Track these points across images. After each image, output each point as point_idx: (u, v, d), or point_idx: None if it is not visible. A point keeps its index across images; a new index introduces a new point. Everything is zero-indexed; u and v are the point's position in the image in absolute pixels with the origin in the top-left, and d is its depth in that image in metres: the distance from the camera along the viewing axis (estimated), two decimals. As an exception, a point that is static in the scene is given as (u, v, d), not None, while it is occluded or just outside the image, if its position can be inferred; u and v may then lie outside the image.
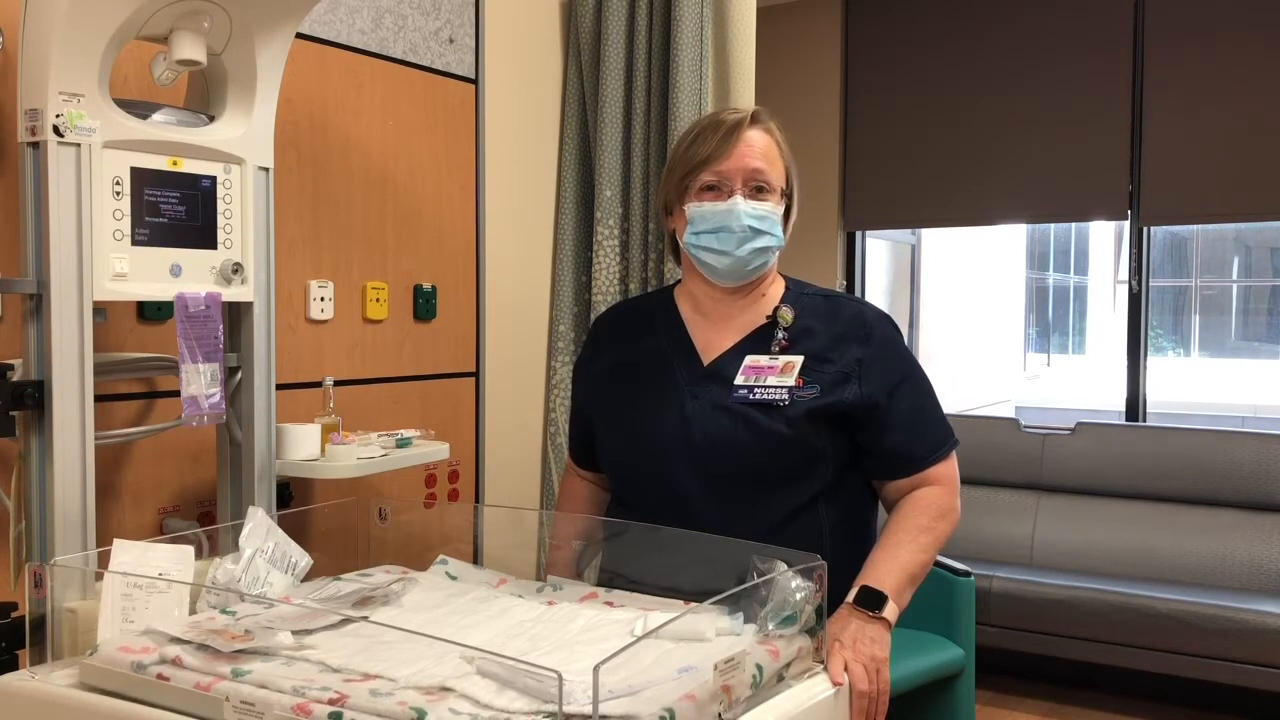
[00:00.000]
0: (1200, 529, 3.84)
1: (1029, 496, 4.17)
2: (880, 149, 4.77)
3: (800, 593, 1.35)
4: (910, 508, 1.68)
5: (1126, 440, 4.11)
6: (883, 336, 1.73)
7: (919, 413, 1.72)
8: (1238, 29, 4.03)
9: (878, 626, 1.53)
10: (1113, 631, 3.52)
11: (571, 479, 2.00)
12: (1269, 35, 3.98)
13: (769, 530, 1.57)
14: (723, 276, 1.72)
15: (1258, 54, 4.00)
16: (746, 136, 1.70)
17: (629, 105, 2.60)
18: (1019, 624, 3.66)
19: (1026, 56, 4.44)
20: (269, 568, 1.57)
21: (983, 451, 4.21)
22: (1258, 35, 4.00)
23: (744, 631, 1.35)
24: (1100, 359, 15.72)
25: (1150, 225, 4.28)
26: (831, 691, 1.39)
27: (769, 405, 1.65)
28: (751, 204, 1.68)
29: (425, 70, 2.44)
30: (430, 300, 2.45)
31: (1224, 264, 17.94)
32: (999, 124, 4.50)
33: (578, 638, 1.38)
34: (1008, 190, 4.51)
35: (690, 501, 1.67)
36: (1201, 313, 17.90)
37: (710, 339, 1.76)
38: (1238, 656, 3.35)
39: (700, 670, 1.20)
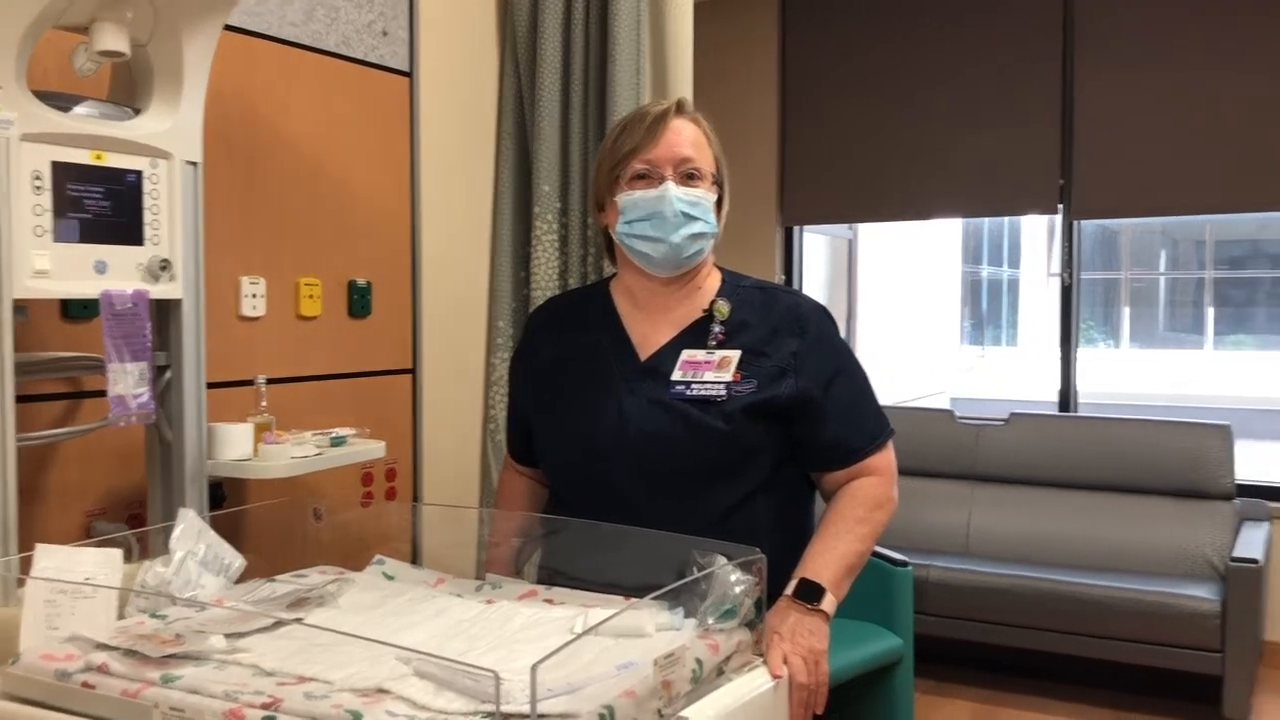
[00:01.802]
0: (1131, 516, 3.93)
1: (964, 486, 4.24)
2: (817, 145, 4.81)
3: (740, 586, 1.35)
4: (847, 499, 1.69)
5: (1059, 430, 4.19)
6: (818, 329, 1.73)
7: (855, 404, 1.73)
8: (1166, 28, 4.12)
9: (816, 619, 1.53)
10: (1047, 618, 3.59)
11: (511, 476, 1.98)
12: (1196, 34, 4.07)
13: (708, 525, 1.57)
14: (658, 265, 1.71)
15: (1185, 53, 4.09)
16: (673, 125, 1.70)
17: (566, 100, 2.59)
18: (956, 613, 3.71)
19: (960, 54, 4.50)
20: (201, 570, 1.54)
21: (919, 443, 4.27)
22: (1185, 34, 4.09)
23: (684, 626, 1.34)
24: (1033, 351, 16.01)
25: (1080, 219, 4.36)
26: (771, 684, 1.39)
27: (706, 401, 1.65)
28: (683, 190, 1.68)
29: (358, 63, 2.40)
30: (365, 296, 2.42)
31: (1152, 257, 18.36)
32: (934, 120, 4.55)
33: (516, 636, 1.37)
34: (942, 185, 4.57)
35: (629, 498, 1.67)
36: (1131, 304, 18.30)
37: (647, 333, 1.75)
38: (1167, 640, 3.43)
39: (640, 666, 1.20)
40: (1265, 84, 3.96)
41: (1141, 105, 4.16)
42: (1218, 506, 3.85)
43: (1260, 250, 17.45)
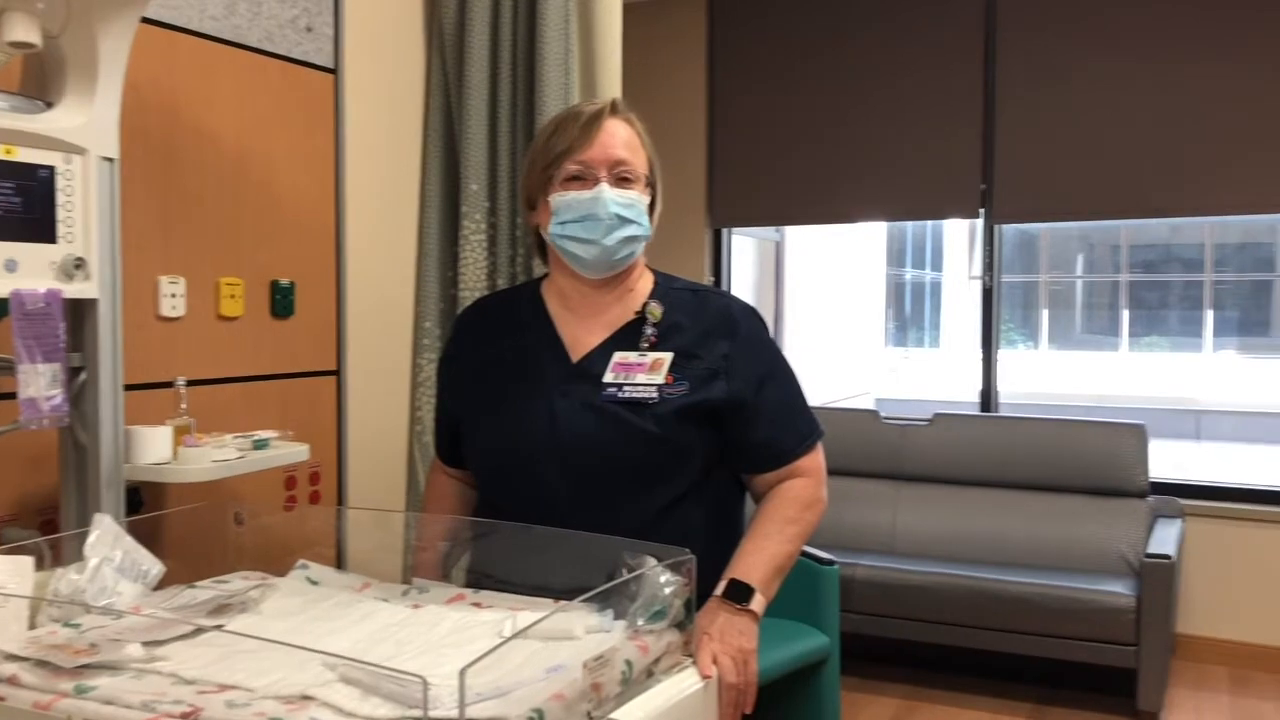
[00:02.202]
0: (1050, 514, 4.02)
1: (889, 486, 4.30)
2: (745, 147, 4.84)
3: (669, 587, 1.35)
4: (777, 500, 1.70)
5: (980, 430, 4.27)
6: (749, 331, 1.74)
7: (785, 406, 1.74)
8: (1085, 37, 4.23)
9: (745, 619, 1.54)
10: (970, 615, 3.65)
11: (439, 478, 1.96)
12: (1115, 44, 4.18)
13: (639, 528, 1.57)
14: (590, 267, 1.70)
15: (1103, 61, 4.20)
16: (608, 126, 1.69)
17: (494, 98, 2.57)
18: (881, 610, 3.76)
19: (886, 59, 4.56)
20: (117, 577, 1.49)
21: (845, 443, 4.32)
22: (1102, 44, 4.20)
23: (614, 628, 1.34)
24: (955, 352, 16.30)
25: (1001, 223, 4.45)
26: (700, 684, 1.40)
27: (638, 403, 1.64)
28: (617, 192, 1.67)
29: (282, 59, 2.36)
30: (288, 296, 2.38)
31: (1069, 261, 18.81)
32: (859, 124, 4.61)
33: (444, 640, 1.35)
34: (868, 189, 4.63)
35: (559, 501, 1.66)
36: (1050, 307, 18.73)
37: (579, 335, 1.74)
38: (1085, 635, 3.51)
39: (569, 669, 1.19)
40: (1177, 94, 4.08)
41: (1059, 113, 4.26)
42: (1133, 504, 3.96)
43: (1173, 254, 17.98)
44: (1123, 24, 4.15)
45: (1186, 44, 4.06)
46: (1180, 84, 4.07)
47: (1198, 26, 4.04)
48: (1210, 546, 4.09)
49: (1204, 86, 4.04)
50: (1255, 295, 17.41)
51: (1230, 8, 4.00)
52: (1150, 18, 4.11)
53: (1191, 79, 4.06)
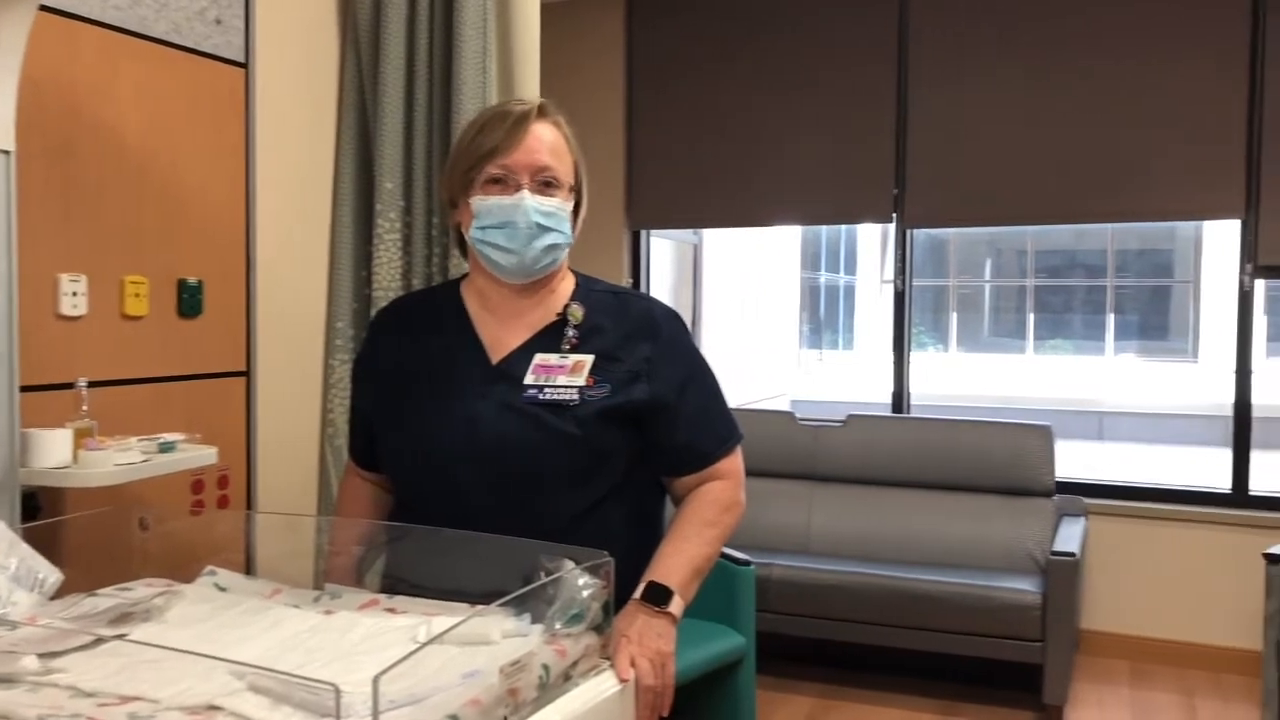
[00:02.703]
0: (960, 513, 4.10)
1: (804, 486, 4.35)
2: (664, 149, 4.86)
3: (587, 590, 1.35)
4: (697, 502, 1.71)
5: (892, 431, 4.34)
6: (670, 334, 1.74)
7: (706, 410, 1.75)
8: (993, 47, 4.33)
9: (664, 621, 1.54)
10: (883, 613, 3.71)
11: (353, 480, 1.92)
12: (1024, 53, 4.29)
13: (559, 531, 1.55)
14: (510, 274, 1.69)
15: (1012, 70, 4.30)
16: (534, 130, 1.67)
17: (410, 96, 2.54)
18: (796, 610, 3.80)
19: (802, 63, 4.62)
20: (12, 586, 1.44)
21: (760, 444, 4.36)
22: (1011, 54, 4.30)
23: (531, 632, 1.33)
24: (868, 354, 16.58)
25: (912, 228, 4.53)
26: (618, 687, 1.39)
27: (559, 405, 1.63)
28: (539, 199, 1.65)
29: (190, 52, 2.30)
30: (196, 295, 2.31)
31: (978, 265, 19.25)
32: (776, 128, 4.66)
33: (357, 647, 1.33)
34: (783, 193, 4.68)
35: (478, 503, 1.64)
36: (959, 310, 19.15)
37: (499, 336, 1.72)
38: (993, 631, 3.59)
39: (485, 674, 1.18)
40: (1081, 103, 4.20)
41: (969, 120, 4.36)
42: (1039, 503, 4.06)
43: (1077, 260, 18.53)
44: (1032, 33, 4.26)
45: (1093, 55, 4.18)
46: (1087, 94, 4.19)
47: (1105, 37, 4.17)
48: (1112, 544, 4.22)
49: (1109, 97, 4.17)
50: (1154, 300, 18.03)
51: (1137, 19, 4.13)
52: (1059, 28, 4.23)
53: (1097, 89, 4.18)
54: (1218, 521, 4.09)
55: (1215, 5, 4.01)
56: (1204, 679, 3.99)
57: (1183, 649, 4.14)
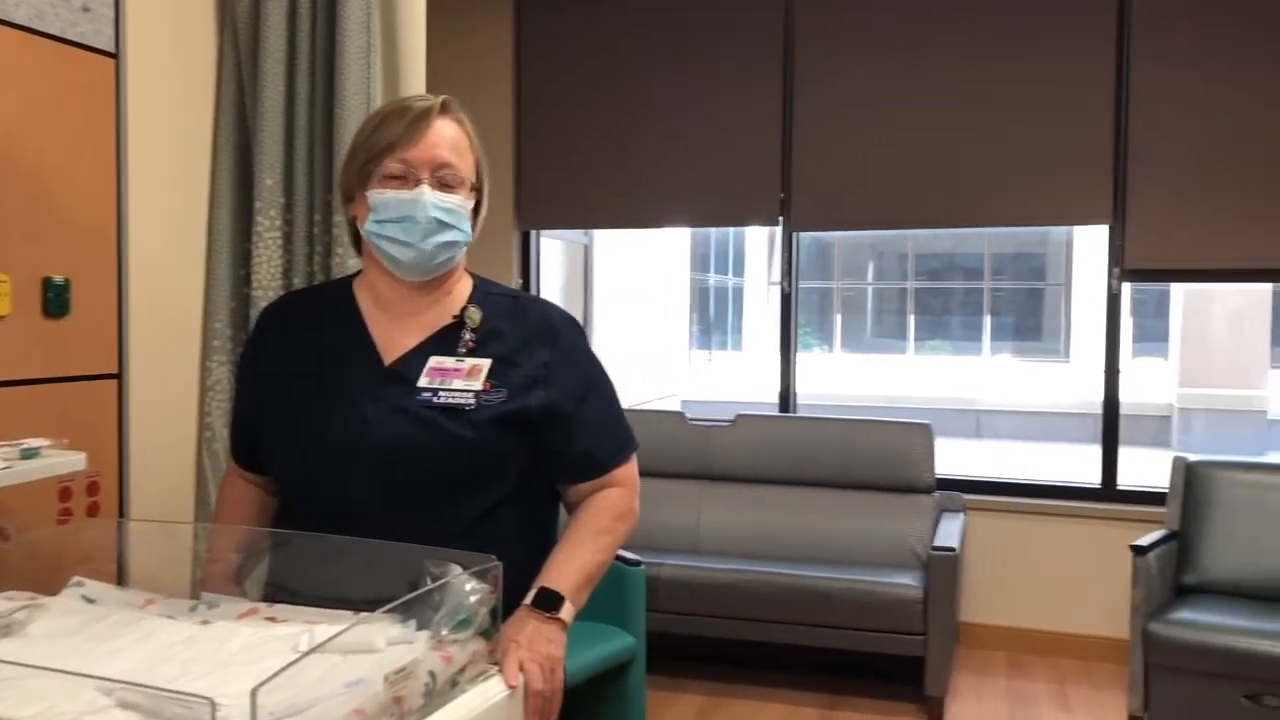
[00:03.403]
0: (845, 510, 4.18)
1: (694, 486, 4.38)
2: (554, 149, 4.84)
3: (474, 595, 1.33)
4: (591, 509, 1.70)
5: (780, 430, 4.40)
6: (570, 341, 1.72)
7: (604, 418, 1.74)
8: (878, 52, 4.42)
9: (554, 626, 1.53)
10: (770, 610, 3.76)
11: (234, 482, 1.86)
12: (906, 61, 4.39)
13: (452, 536, 1.52)
14: (406, 270, 1.65)
15: (894, 79, 4.40)
16: (436, 126, 1.63)
17: (291, 90, 2.47)
18: (686, 609, 3.83)
19: (691, 66, 4.65)
20: None
21: (651, 444, 4.37)
22: (895, 61, 4.40)
23: (417, 639, 1.30)
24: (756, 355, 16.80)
25: (798, 231, 4.60)
26: (506, 693, 1.38)
27: (454, 409, 1.60)
28: (439, 195, 1.62)
29: (55, 40, 2.19)
30: (63, 294, 2.21)
31: (861, 268, 19.69)
32: (666, 131, 4.68)
33: (235, 658, 1.28)
34: (673, 195, 4.71)
35: (367, 509, 1.60)
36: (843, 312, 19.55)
37: (392, 336, 1.68)
38: (879, 626, 3.67)
39: (370, 682, 1.15)
40: (961, 113, 4.32)
41: (852, 128, 4.45)
42: (920, 499, 4.17)
43: (955, 264, 19.10)
44: (914, 43, 4.37)
45: (973, 67, 4.31)
46: (966, 104, 4.32)
47: (983, 50, 4.30)
48: (989, 538, 4.36)
49: (987, 107, 4.30)
50: (1028, 302, 18.69)
51: (1014, 33, 4.27)
52: (940, 38, 4.34)
53: (976, 100, 4.31)
54: (1088, 515, 4.26)
55: (1086, 22, 4.18)
56: (1076, 668, 4.15)
57: (1056, 639, 4.29)
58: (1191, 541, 3.70)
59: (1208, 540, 3.67)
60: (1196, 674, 3.24)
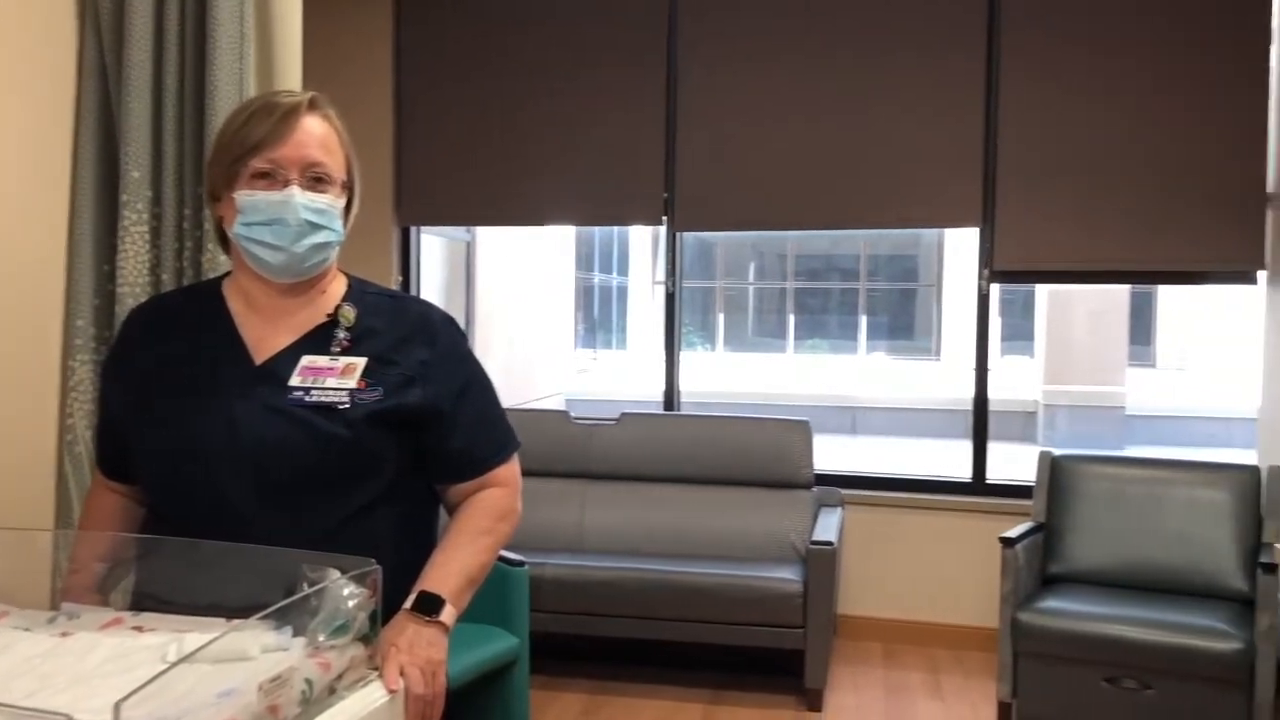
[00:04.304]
0: (727, 506, 4.23)
1: (578, 484, 4.37)
2: (435, 144, 4.78)
3: (353, 600, 1.30)
4: (472, 510, 1.68)
5: (664, 428, 4.43)
6: (448, 340, 1.70)
7: (484, 417, 1.72)
8: (760, 57, 4.49)
9: (435, 630, 1.51)
10: (652, 607, 3.78)
11: (99, 493, 1.79)
12: (785, 66, 4.46)
13: (325, 537, 1.49)
14: (277, 272, 1.60)
15: (775, 82, 4.47)
16: (304, 123, 1.59)
17: (159, 80, 2.37)
18: (569, 608, 3.82)
19: (575, 62, 4.64)
20: None
21: (536, 443, 4.36)
22: (776, 64, 4.47)
23: (292, 646, 1.27)
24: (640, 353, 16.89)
25: (682, 231, 4.64)
26: (386, 698, 1.35)
27: (328, 408, 1.56)
28: (309, 196, 1.58)
29: (-100, 19, 2.07)
30: (-91, 290, 2.09)
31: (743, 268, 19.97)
32: (550, 128, 4.67)
33: (97, 670, 1.23)
34: (557, 193, 4.69)
35: (239, 511, 1.55)
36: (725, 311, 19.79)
37: (263, 337, 1.63)
38: (760, 620, 3.72)
39: (243, 692, 1.12)
40: (839, 118, 4.41)
41: (734, 130, 4.50)
42: (799, 495, 4.25)
43: (833, 264, 19.53)
44: (795, 46, 4.45)
45: (851, 74, 4.40)
46: (844, 110, 4.41)
47: (861, 59, 4.39)
48: (866, 532, 4.46)
49: (864, 114, 4.40)
50: (902, 302, 19.23)
51: (892, 43, 4.38)
52: (820, 43, 4.43)
53: (853, 107, 4.40)
54: (960, 509, 4.40)
55: (958, 35, 4.31)
56: (948, 657, 4.28)
57: (930, 629, 4.42)
58: (1057, 533, 3.85)
59: (1072, 531, 3.83)
60: (1061, 660, 3.37)
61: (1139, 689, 3.28)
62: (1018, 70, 4.27)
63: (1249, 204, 4.09)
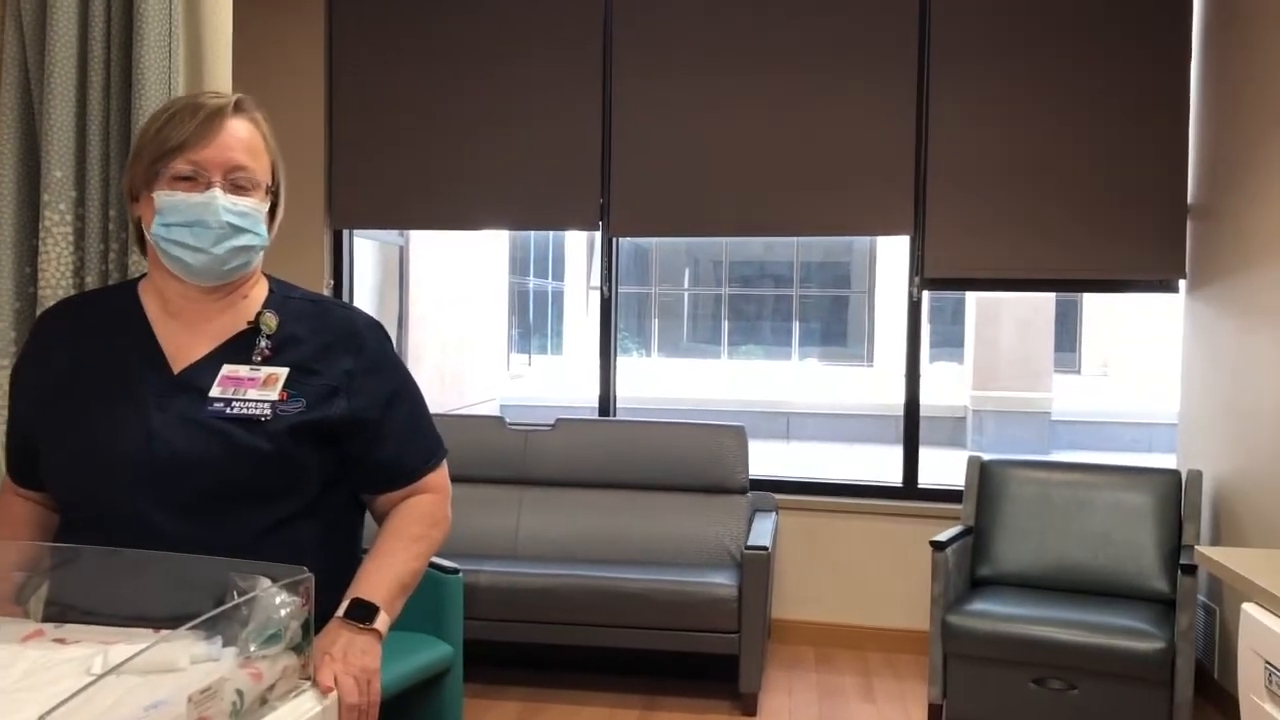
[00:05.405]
0: (663, 512, 4.24)
1: (513, 491, 4.35)
2: (368, 146, 4.73)
3: (285, 609, 1.28)
4: (403, 517, 1.67)
5: (599, 434, 4.42)
6: (374, 347, 1.68)
7: (411, 425, 1.70)
8: (695, 63, 4.51)
9: (369, 638, 1.49)
10: (586, 613, 3.77)
11: (10, 500, 1.73)
12: (719, 73, 4.49)
13: (245, 548, 1.45)
14: (197, 275, 1.57)
15: (709, 89, 4.50)
16: (229, 125, 1.56)
17: (84, 76, 2.32)
18: (504, 615, 3.79)
19: (510, 67, 4.62)
20: None
21: (470, 449, 4.33)
22: (710, 71, 4.50)
23: (223, 656, 1.24)
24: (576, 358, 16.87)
25: (618, 236, 4.64)
26: (319, 708, 1.33)
27: (249, 420, 1.53)
28: (232, 199, 1.54)
29: None
30: None
31: (678, 274, 20.04)
32: (486, 132, 4.64)
33: (19, 684, 1.19)
34: (492, 197, 4.67)
35: (154, 523, 1.50)
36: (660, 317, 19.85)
37: (182, 344, 1.60)
38: (694, 625, 3.73)
39: (172, 704, 1.10)
40: (773, 125, 4.45)
41: (669, 135, 4.52)
42: (734, 500, 4.27)
43: (766, 271, 19.68)
44: (729, 55, 4.48)
45: (785, 81, 4.44)
46: (778, 117, 4.45)
47: (796, 66, 4.44)
48: (799, 536, 4.50)
49: (798, 120, 4.44)
50: (835, 309, 19.44)
51: (824, 51, 4.42)
52: (755, 51, 4.46)
53: (788, 113, 4.44)
54: (891, 513, 4.46)
55: (890, 45, 4.37)
56: (880, 660, 4.33)
57: (862, 633, 4.47)
58: (985, 536, 3.92)
59: (1000, 535, 3.90)
60: (990, 661, 3.43)
61: (1065, 689, 3.35)
62: (948, 81, 4.35)
63: (1170, 214, 4.20)
